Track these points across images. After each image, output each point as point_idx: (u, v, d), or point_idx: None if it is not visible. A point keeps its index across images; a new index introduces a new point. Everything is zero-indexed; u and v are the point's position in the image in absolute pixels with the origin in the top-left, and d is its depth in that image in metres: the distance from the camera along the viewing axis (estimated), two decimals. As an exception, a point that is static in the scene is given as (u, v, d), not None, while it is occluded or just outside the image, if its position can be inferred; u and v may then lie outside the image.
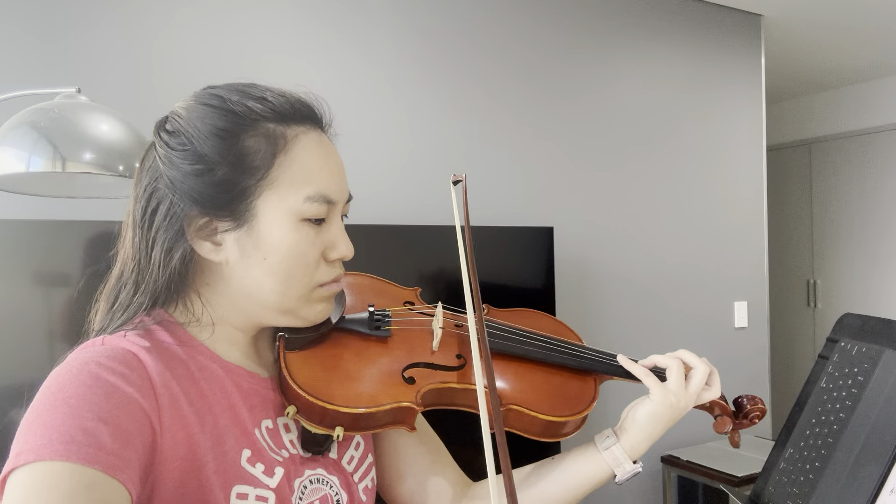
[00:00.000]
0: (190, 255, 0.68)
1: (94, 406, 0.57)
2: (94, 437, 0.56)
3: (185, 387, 0.65)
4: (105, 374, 0.60)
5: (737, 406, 0.91)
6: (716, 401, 0.87)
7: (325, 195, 0.69)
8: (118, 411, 0.58)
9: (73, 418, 0.56)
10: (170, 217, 0.67)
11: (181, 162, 0.66)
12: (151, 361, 0.63)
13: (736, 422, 0.90)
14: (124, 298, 0.69)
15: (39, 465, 0.53)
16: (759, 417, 0.89)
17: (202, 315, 0.71)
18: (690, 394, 0.82)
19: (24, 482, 0.53)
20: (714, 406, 0.88)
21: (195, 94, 0.70)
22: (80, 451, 0.54)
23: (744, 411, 0.89)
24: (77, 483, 0.53)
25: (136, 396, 0.60)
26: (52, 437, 0.55)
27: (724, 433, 0.90)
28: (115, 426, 0.57)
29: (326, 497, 0.73)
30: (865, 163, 4.18)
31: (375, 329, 0.78)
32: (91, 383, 0.59)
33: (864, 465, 0.75)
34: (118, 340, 0.65)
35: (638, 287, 2.75)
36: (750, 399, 0.90)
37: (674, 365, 0.82)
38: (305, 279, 0.70)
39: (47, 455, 0.54)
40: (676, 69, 2.89)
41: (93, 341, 0.66)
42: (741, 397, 0.91)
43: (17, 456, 0.55)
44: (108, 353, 0.62)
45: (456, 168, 2.34)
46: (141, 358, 0.63)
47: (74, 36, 1.79)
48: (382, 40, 2.24)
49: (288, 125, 0.69)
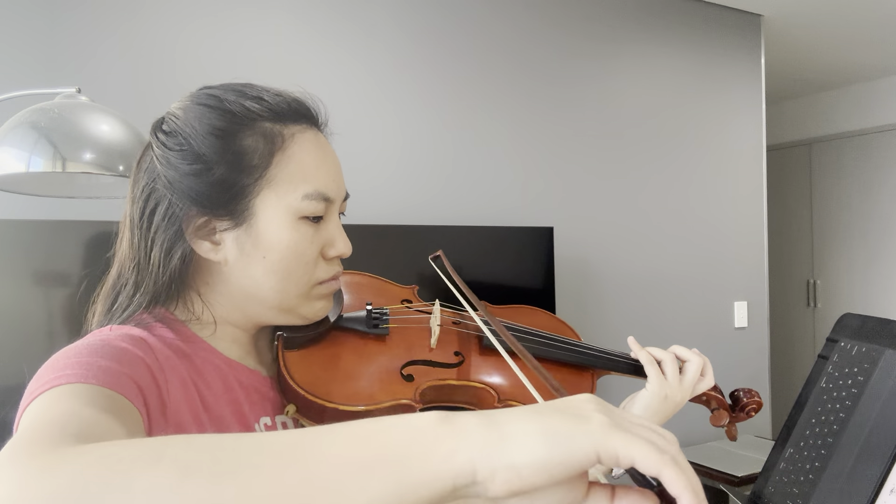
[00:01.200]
0: (189, 254, 0.68)
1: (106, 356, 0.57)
2: (109, 370, 0.55)
3: (191, 375, 0.65)
4: (115, 341, 0.60)
5: (733, 399, 0.92)
6: (712, 394, 0.89)
7: (322, 193, 0.69)
8: (129, 366, 0.58)
9: (86, 357, 0.56)
10: (168, 217, 0.67)
11: (179, 162, 0.66)
12: (159, 347, 0.64)
13: (732, 415, 0.91)
14: (123, 299, 0.69)
15: (55, 390, 0.52)
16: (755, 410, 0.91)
17: (202, 314, 0.71)
18: (685, 387, 0.83)
19: (42, 401, 0.51)
20: (711, 399, 0.89)
21: (191, 94, 0.70)
22: (98, 375, 0.54)
23: (740, 404, 0.91)
24: (97, 393, 0.52)
25: (146, 360, 0.60)
26: (67, 371, 0.54)
27: (720, 426, 0.91)
28: (128, 370, 0.57)
29: None
30: (865, 163, 4.18)
31: (374, 327, 0.78)
32: (100, 346, 0.58)
33: (864, 464, 0.75)
34: (126, 328, 0.65)
35: (638, 287, 2.75)
36: (746, 392, 0.91)
37: (667, 358, 0.83)
38: (304, 277, 0.70)
39: (64, 381, 0.53)
40: (676, 69, 2.89)
41: (99, 329, 0.66)
42: (738, 390, 0.92)
43: (30, 395, 0.53)
44: (116, 331, 0.63)
45: (456, 168, 2.34)
46: (149, 342, 0.64)
47: (74, 36, 1.79)
48: (381, 41, 2.24)
49: (285, 124, 0.69)
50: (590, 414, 0.40)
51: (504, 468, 0.38)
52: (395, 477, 0.37)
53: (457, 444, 0.38)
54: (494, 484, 0.38)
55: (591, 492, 0.43)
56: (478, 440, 0.38)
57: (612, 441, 0.38)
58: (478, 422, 0.39)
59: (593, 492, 0.43)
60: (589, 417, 0.39)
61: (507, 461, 0.38)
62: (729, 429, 0.92)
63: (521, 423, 0.39)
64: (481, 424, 0.39)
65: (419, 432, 0.38)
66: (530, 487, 0.38)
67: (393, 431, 0.39)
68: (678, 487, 0.39)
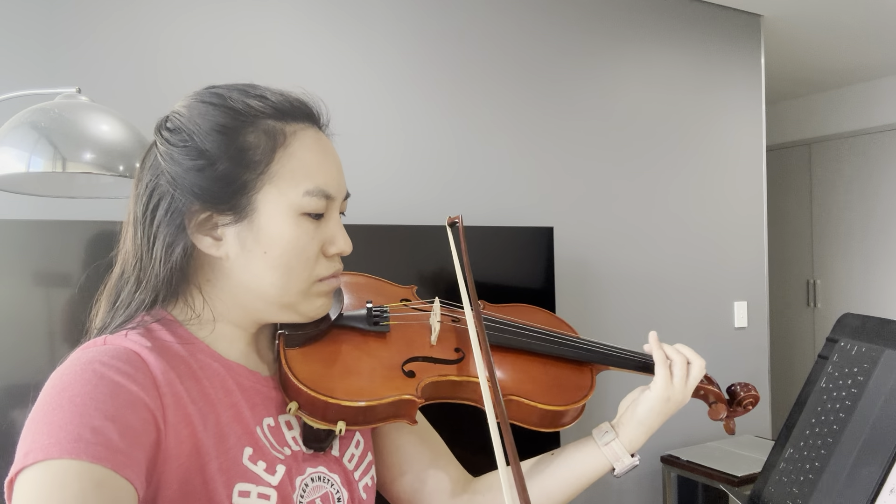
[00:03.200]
0: (191, 249, 0.69)
1: (101, 404, 0.57)
2: (102, 435, 0.56)
3: (187, 385, 0.65)
4: (109, 373, 0.60)
5: (730, 394, 0.93)
6: (710, 388, 0.90)
7: (323, 190, 0.70)
8: (124, 409, 0.58)
9: (80, 416, 0.56)
10: (171, 213, 0.67)
11: (183, 158, 0.67)
12: (154, 360, 0.64)
13: (730, 409, 0.92)
14: (125, 296, 0.70)
15: (49, 463, 0.54)
16: (752, 404, 0.92)
17: (203, 311, 0.71)
18: (688, 388, 0.84)
19: (35, 481, 0.53)
20: (708, 394, 0.90)
21: (196, 92, 0.71)
22: (89, 449, 0.55)
23: (737, 398, 0.92)
24: (87, 481, 0.53)
25: (141, 395, 0.60)
26: (61, 435, 0.55)
27: (718, 420, 0.93)
28: (121, 424, 0.57)
29: (327, 495, 0.73)
30: (865, 163, 4.18)
31: (374, 325, 0.79)
32: (96, 382, 0.59)
33: (864, 465, 0.75)
34: (120, 340, 0.65)
35: (638, 287, 2.75)
36: (743, 386, 0.92)
37: (679, 360, 0.84)
38: (305, 273, 0.70)
39: (56, 453, 0.54)
40: (676, 69, 2.89)
41: (94, 341, 0.66)
42: (734, 385, 0.93)
43: (25, 455, 0.55)
44: (111, 352, 0.62)
45: (456, 168, 2.34)
46: (144, 357, 0.64)
47: (74, 36, 1.79)
48: (382, 41, 2.24)
49: (287, 122, 0.70)
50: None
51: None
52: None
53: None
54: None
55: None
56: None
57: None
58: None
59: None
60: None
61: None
62: (727, 423, 0.93)
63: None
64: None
65: None
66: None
67: None
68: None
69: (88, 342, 0.66)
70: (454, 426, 1.03)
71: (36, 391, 0.61)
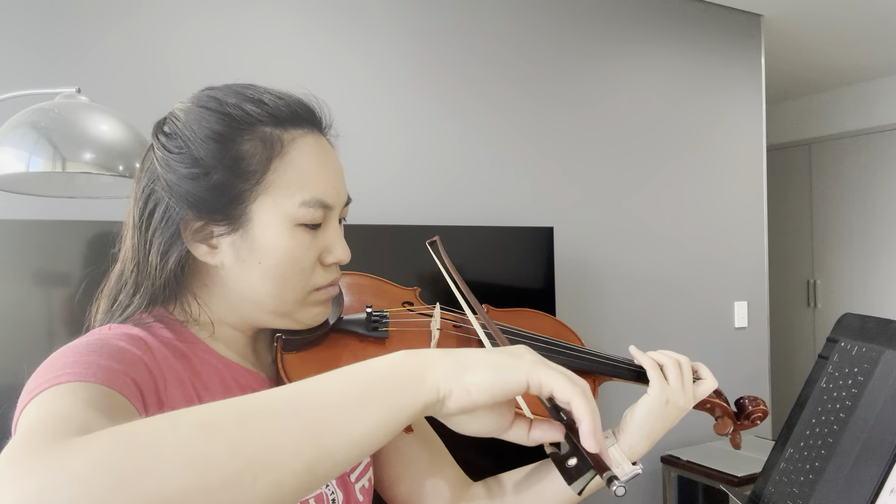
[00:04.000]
0: (186, 257, 0.68)
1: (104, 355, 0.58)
2: (108, 370, 0.56)
3: (189, 375, 0.66)
4: (114, 340, 0.61)
5: (738, 407, 0.90)
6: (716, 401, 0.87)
7: (321, 200, 0.68)
8: (128, 367, 0.58)
9: (84, 356, 0.56)
10: (166, 219, 0.67)
11: (177, 165, 0.66)
12: (157, 346, 0.65)
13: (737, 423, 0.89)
14: (124, 298, 0.70)
15: (54, 388, 0.52)
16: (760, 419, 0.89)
17: (200, 316, 0.71)
18: (688, 394, 0.82)
19: (41, 400, 0.51)
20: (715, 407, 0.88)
21: (194, 95, 0.70)
22: (97, 374, 0.55)
23: (745, 412, 0.89)
24: (94, 391, 0.53)
25: (144, 358, 0.61)
26: (66, 370, 0.54)
27: (724, 434, 0.90)
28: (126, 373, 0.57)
29: (322, 496, 0.73)
30: (865, 163, 4.18)
31: (373, 330, 0.77)
32: (100, 345, 0.59)
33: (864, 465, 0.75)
34: (124, 328, 0.66)
35: (638, 287, 2.75)
36: (752, 400, 0.89)
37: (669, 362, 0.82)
38: (300, 283, 0.69)
39: (63, 379, 0.53)
40: (676, 69, 2.89)
41: (98, 328, 0.66)
42: (743, 398, 0.90)
43: (28, 394, 0.53)
44: (115, 329, 0.64)
45: (456, 168, 2.34)
46: (147, 342, 0.64)
47: (74, 36, 1.79)
48: (381, 41, 2.24)
49: (285, 129, 0.68)
50: (524, 355, 0.53)
51: (459, 389, 0.49)
52: (386, 402, 0.47)
53: (425, 372, 0.49)
54: (450, 401, 0.50)
55: (515, 421, 0.58)
56: (442, 368, 0.50)
57: (538, 373, 0.51)
58: (441, 355, 0.51)
59: (517, 422, 0.58)
60: (523, 357, 0.52)
61: (462, 384, 0.49)
62: (733, 437, 0.90)
63: (473, 356, 0.51)
64: (444, 356, 0.51)
65: (396, 367, 0.49)
66: (474, 406, 0.50)
67: (376, 369, 0.49)
68: (582, 412, 0.51)
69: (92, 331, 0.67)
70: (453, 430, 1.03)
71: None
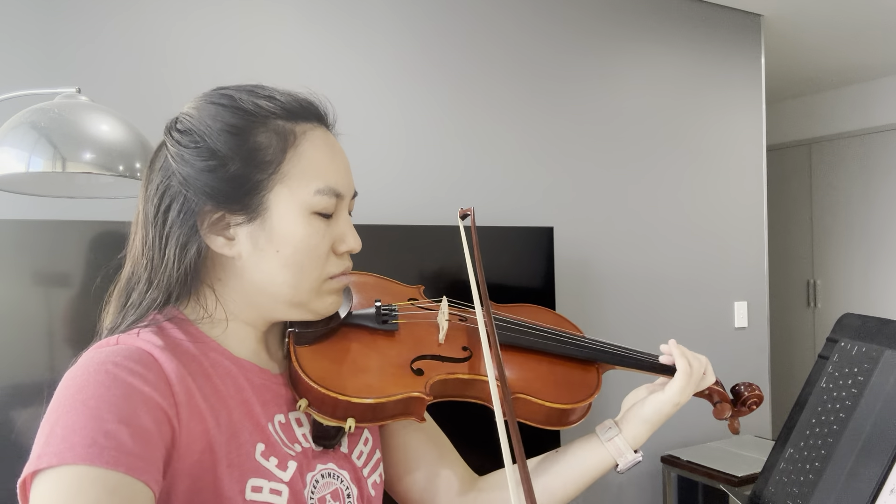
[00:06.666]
0: (204, 249, 0.69)
1: (114, 407, 0.58)
2: (116, 440, 0.57)
3: (199, 383, 0.66)
4: (122, 374, 0.61)
5: (735, 394, 0.94)
6: (715, 388, 0.90)
7: (334, 188, 0.71)
8: (137, 411, 0.59)
9: (93, 420, 0.57)
10: (184, 213, 0.68)
11: (194, 159, 0.68)
12: (166, 359, 0.64)
13: (735, 409, 0.93)
14: (136, 297, 0.71)
15: (63, 469, 0.55)
16: (756, 404, 0.93)
17: (215, 310, 0.72)
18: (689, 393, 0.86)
19: (50, 487, 0.54)
20: (713, 394, 0.91)
21: (205, 94, 0.72)
22: (103, 455, 0.56)
23: (742, 398, 0.93)
24: (102, 487, 0.54)
25: (154, 395, 0.61)
26: (75, 440, 0.56)
27: (723, 419, 0.93)
28: (135, 426, 0.58)
29: (337, 491, 0.75)
30: (865, 163, 4.18)
31: (383, 323, 0.80)
32: (109, 384, 0.60)
33: (864, 465, 0.75)
34: (132, 339, 0.66)
35: (638, 287, 2.75)
36: (747, 386, 0.93)
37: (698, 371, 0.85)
38: (316, 272, 0.71)
39: (70, 459, 0.55)
40: (676, 69, 2.89)
41: (107, 340, 0.66)
42: (738, 385, 0.94)
43: (38, 458, 0.56)
44: (123, 352, 0.63)
45: (456, 168, 2.34)
46: (156, 356, 0.64)
47: (74, 36, 1.79)
48: (383, 41, 2.24)
49: (296, 122, 0.71)
50: None
51: None
52: None
53: None
54: None
55: None
56: None
57: None
58: None
59: None
60: None
61: None
62: (731, 422, 0.94)
63: None
64: None
65: None
66: None
67: None
68: None
69: (101, 342, 0.67)
70: (460, 425, 1.04)
71: (36, 391, 0.61)
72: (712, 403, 0.93)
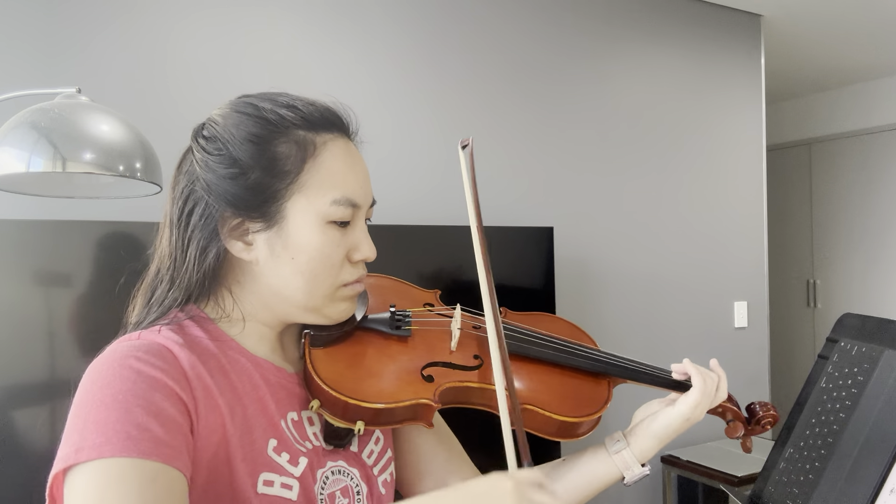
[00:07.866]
0: (223, 253, 0.72)
1: (142, 399, 0.61)
2: (149, 431, 0.59)
3: (216, 379, 0.68)
4: (146, 368, 0.63)
5: (749, 412, 0.92)
6: (728, 406, 0.89)
7: (350, 199, 0.73)
8: (163, 402, 0.62)
9: (125, 413, 0.60)
10: (205, 218, 0.71)
11: (217, 166, 0.71)
12: (184, 355, 0.67)
13: (748, 427, 0.91)
14: (160, 294, 0.74)
15: (102, 461, 0.57)
16: (771, 424, 0.91)
17: (233, 311, 0.74)
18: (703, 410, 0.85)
19: (92, 479, 0.57)
20: (727, 411, 0.90)
21: (231, 101, 0.75)
22: (139, 446, 0.58)
23: (756, 417, 0.91)
24: (143, 477, 0.57)
25: (174, 387, 0.64)
26: (110, 434, 0.58)
27: (735, 438, 0.92)
28: (163, 417, 0.61)
29: (347, 488, 0.76)
30: (865, 163, 4.18)
31: (396, 328, 0.81)
32: (135, 378, 0.62)
33: (864, 464, 0.75)
34: (153, 336, 0.68)
35: (638, 287, 2.75)
36: (763, 406, 0.91)
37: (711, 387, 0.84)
38: (330, 279, 0.73)
39: (108, 452, 0.57)
40: (676, 69, 2.89)
41: (129, 335, 0.70)
42: (754, 404, 0.92)
43: (77, 452, 0.58)
44: (144, 347, 0.66)
45: (456, 167, 2.34)
46: (174, 352, 0.67)
47: (74, 36, 1.79)
48: (381, 41, 2.24)
49: (317, 132, 0.74)
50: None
51: None
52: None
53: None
54: None
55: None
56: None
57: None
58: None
59: None
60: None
61: None
62: (744, 441, 0.92)
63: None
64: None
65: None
66: None
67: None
68: None
69: (124, 336, 0.70)
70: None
71: (36, 391, 0.62)
72: (725, 421, 0.91)
